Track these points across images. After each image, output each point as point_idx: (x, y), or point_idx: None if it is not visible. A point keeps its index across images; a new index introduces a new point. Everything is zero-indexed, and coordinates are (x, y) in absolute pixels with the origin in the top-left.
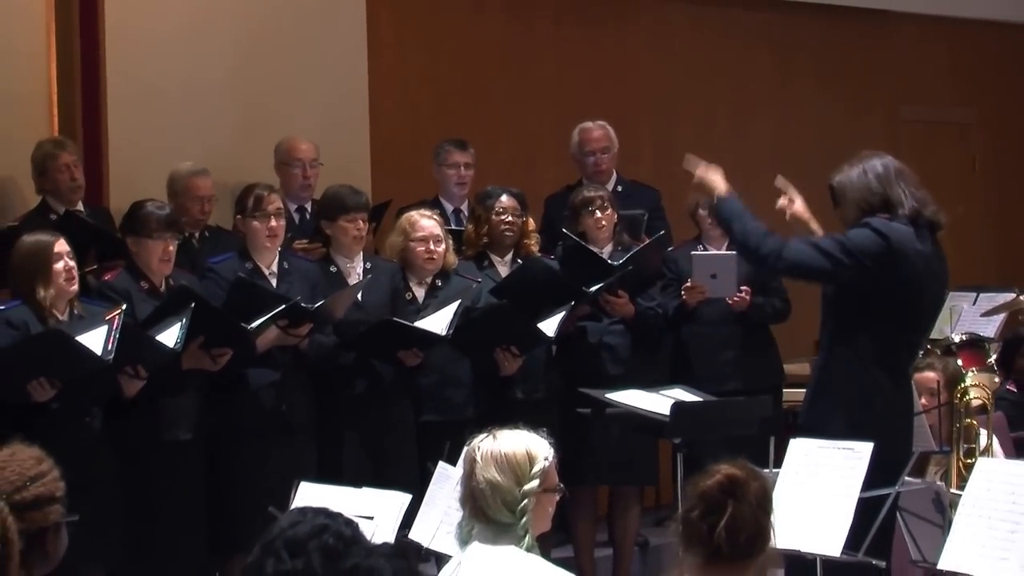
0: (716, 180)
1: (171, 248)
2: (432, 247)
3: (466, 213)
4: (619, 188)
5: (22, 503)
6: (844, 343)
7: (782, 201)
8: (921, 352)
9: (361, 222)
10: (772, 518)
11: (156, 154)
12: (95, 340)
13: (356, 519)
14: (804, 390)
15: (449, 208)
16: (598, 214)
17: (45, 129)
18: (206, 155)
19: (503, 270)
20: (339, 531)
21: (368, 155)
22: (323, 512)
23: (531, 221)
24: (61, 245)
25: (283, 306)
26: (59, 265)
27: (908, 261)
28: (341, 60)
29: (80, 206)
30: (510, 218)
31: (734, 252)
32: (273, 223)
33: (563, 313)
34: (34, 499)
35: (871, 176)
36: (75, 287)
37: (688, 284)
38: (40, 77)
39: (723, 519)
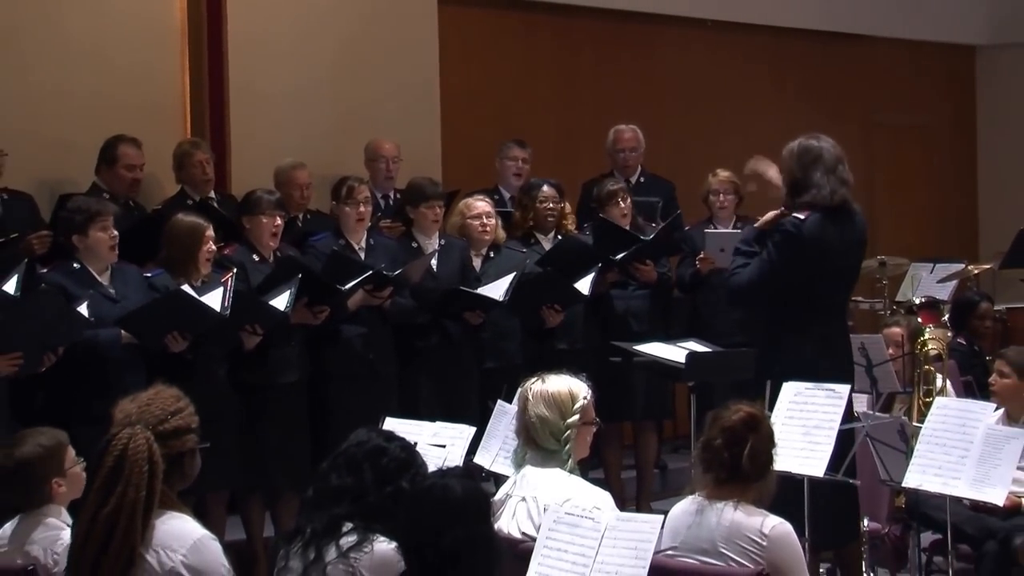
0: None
1: (278, 224)
2: (485, 221)
3: None
4: (642, 179)
5: (164, 432)
6: (781, 307)
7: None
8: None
9: (438, 208)
10: (775, 448)
11: (268, 152)
12: (215, 299)
13: (431, 447)
14: None
15: (507, 195)
16: (621, 204)
17: (180, 132)
18: (308, 152)
19: (547, 246)
20: (395, 455)
21: (439, 152)
22: (382, 434)
23: (568, 205)
24: (210, 232)
25: (370, 272)
26: (206, 247)
27: (817, 246)
28: (417, 75)
29: (212, 194)
30: (551, 205)
31: (739, 230)
32: (362, 208)
33: (593, 274)
34: (174, 429)
35: (795, 157)
36: (211, 265)
37: (701, 256)
38: (176, 91)
39: (746, 449)
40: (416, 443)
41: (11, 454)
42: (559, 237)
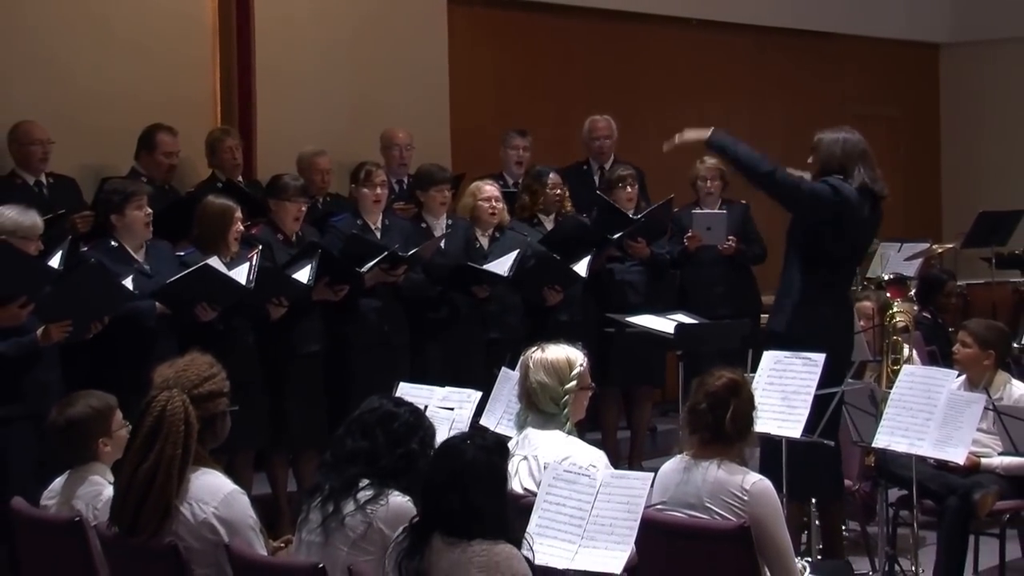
0: (694, 133)
1: (302, 209)
2: (494, 204)
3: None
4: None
5: (199, 396)
6: (801, 272)
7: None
8: (858, 282)
9: (446, 191)
10: (756, 411)
11: (291, 140)
12: (241, 274)
13: (441, 409)
14: None
15: (510, 181)
16: (628, 189)
17: (212, 121)
18: (328, 140)
19: (549, 226)
20: (403, 416)
21: (448, 140)
22: (392, 401)
23: (567, 190)
24: (239, 213)
25: (386, 253)
26: (235, 227)
27: (850, 211)
28: (428, 70)
29: (240, 179)
30: (559, 191)
31: (724, 211)
32: (378, 191)
33: (589, 257)
34: (208, 393)
35: (840, 146)
36: (239, 244)
37: (689, 234)
38: (207, 84)
39: (728, 412)
40: (427, 406)
41: (63, 412)
42: (559, 218)
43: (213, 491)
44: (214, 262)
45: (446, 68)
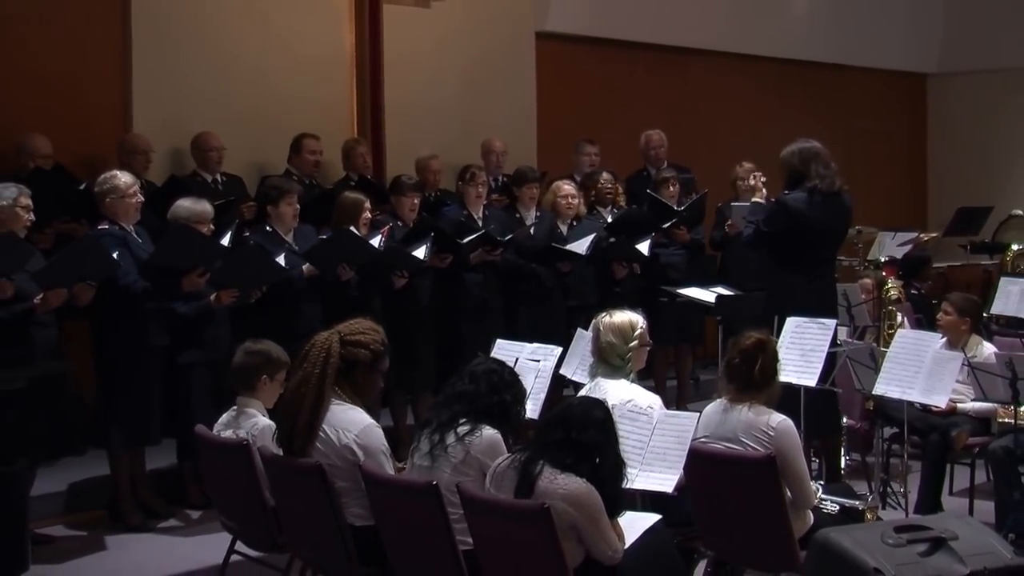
0: (759, 194)
1: (415, 202)
2: (570, 201)
3: None
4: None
5: (347, 340)
6: (775, 260)
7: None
8: (861, 263)
9: (535, 188)
10: (780, 364)
11: (412, 146)
12: (375, 241)
13: (530, 361)
14: None
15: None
16: (671, 188)
17: (348, 132)
18: (441, 147)
19: (607, 216)
20: (503, 374)
21: (535, 148)
22: (497, 362)
23: (620, 187)
24: (367, 204)
25: (483, 231)
26: (364, 215)
27: (799, 216)
28: (520, 92)
29: (368, 178)
30: (609, 186)
31: (761, 203)
32: (480, 190)
33: (649, 240)
34: (355, 340)
35: (795, 157)
36: (367, 229)
37: (728, 223)
38: (346, 102)
39: (757, 364)
40: (518, 358)
41: (246, 349)
42: (615, 210)
43: (355, 423)
44: (353, 230)
45: (534, 90)
